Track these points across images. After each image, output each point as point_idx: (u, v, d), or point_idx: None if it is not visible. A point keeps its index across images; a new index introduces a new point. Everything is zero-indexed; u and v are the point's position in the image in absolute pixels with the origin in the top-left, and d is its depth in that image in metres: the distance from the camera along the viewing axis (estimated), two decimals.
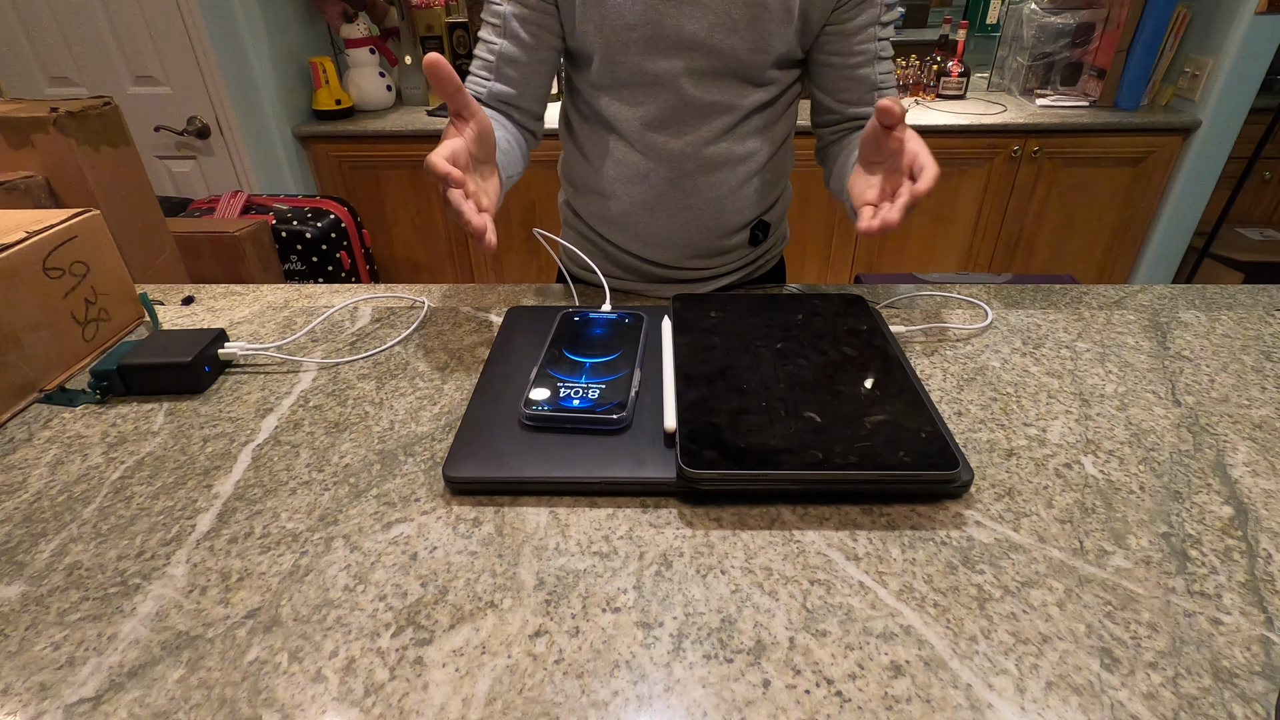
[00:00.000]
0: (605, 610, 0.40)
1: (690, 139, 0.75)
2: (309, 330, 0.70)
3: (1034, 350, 0.65)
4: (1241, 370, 0.62)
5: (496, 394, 0.55)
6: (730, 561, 0.43)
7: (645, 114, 0.74)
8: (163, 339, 0.62)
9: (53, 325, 0.62)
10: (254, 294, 0.80)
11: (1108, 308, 0.73)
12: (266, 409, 0.58)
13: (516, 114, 0.76)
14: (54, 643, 0.38)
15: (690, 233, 0.81)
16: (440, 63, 0.53)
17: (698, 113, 0.74)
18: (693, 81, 0.71)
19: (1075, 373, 0.62)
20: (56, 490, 0.50)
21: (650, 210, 0.79)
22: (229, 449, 0.54)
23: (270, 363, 0.65)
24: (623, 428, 0.51)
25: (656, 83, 0.72)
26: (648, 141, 0.75)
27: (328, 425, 0.56)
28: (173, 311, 0.76)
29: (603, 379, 0.55)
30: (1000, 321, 0.71)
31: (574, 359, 0.58)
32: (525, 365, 0.59)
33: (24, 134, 1.10)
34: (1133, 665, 0.36)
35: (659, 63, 0.70)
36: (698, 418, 0.49)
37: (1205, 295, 0.76)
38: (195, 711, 0.35)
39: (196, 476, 0.51)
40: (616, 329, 0.63)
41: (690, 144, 0.75)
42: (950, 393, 0.59)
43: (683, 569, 0.42)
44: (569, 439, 0.50)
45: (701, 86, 0.72)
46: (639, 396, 0.54)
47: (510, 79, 0.73)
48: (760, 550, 0.43)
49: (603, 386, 0.54)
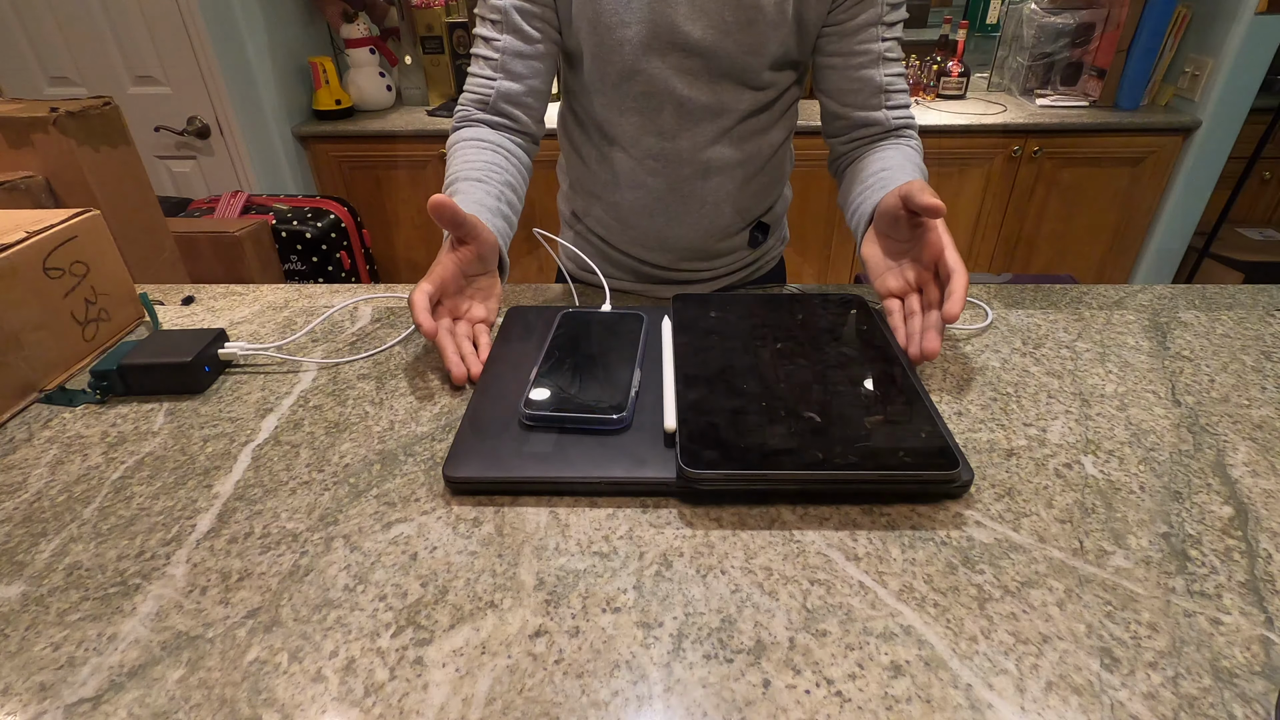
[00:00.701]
0: (605, 610, 0.40)
1: (686, 143, 0.74)
2: (309, 330, 0.70)
3: (1034, 350, 0.65)
4: (1241, 370, 0.62)
5: (496, 394, 0.55)
6: (730, 561, 0.43)
7: (640, 117, 0.73)
8: (162, 339, 0.62)
9: (52, 325, 0.62)
10: (254, 294, 0.80)
11: (1108, 308, 0.73)
12: (266, 409, 0.58)
13: (523, 114, 0.74)
14: (54, 643, 0.38)
15: (689, 235, 0.81)
16: (443, 204, 0.54)
17: (692, 115, 0.73)
18: (686, 83, 0.71)
19: (1075, 373, 0.62)
20: (56, 490, 0.50)
21: (648, 214, 0.79)
22: (229, 449, 0.54)
23: (270, 363, 0.65)
24: (623, 428, 0.51)
25: (649, 84, 0.71)
26: (644, 146, 0.75)
27: (328, 425, 0.56)
28: (173, 311, 0.76)
29: (602, 379, 0.55)
30: (1000, 321, 0.71)
31: (574, 359, 0.58)
32: (525, 365, 0.59)
33: (24, 134, 1.10)
34: (1133, 665, 0.36)
35: (652, 63, 0.69)
36: (698, 418, 0.49)
37: (1205, 295, 0.76)
38: (195, 711, 0.35)
39: (196, 476, 0.51)
40: (616, 329, 0.63)
41: (686, 148, 0.74)
42: (950, 393, 0.59)
43: (683, 569, 0.42)
44: (569, 439, 0.50)
45: (696, 88, 0.71)
46: (639, 396, 0.54)
47: (518, 74, 0.71)
48: (760, 550, 0.43)
49: (603, 386, 0.54)
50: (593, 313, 0.66)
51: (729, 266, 0.87)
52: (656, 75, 0.70)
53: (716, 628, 0.38)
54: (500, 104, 0.73)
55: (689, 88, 0.71)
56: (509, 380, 0.57)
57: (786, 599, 0.40)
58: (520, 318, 0.68)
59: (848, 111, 0.74)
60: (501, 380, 0.57)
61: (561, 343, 0.60)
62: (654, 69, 0.70)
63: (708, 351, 0.57)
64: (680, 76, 0.70)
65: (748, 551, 0.43)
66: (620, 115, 0.74)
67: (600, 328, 0.63)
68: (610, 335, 0.61)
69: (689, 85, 0.71)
